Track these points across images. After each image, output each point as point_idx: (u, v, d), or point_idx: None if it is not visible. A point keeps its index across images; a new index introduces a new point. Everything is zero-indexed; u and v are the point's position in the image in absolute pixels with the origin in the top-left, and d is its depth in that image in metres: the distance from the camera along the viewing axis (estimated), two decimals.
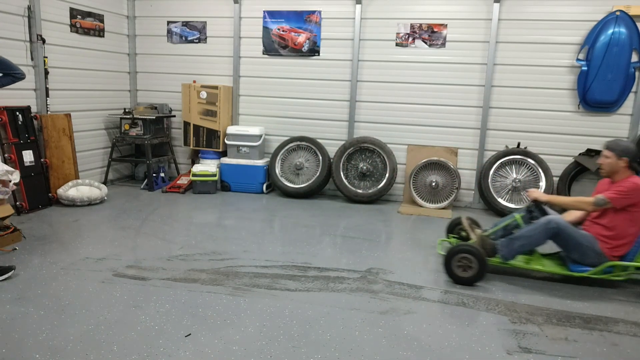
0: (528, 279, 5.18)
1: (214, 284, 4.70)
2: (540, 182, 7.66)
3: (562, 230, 4.85)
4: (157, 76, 9.38)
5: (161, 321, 3.96)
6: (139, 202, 7.73)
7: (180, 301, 4.32)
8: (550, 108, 7.80)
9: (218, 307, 4.23)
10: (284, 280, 4.85)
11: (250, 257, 5.47)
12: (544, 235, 4.88)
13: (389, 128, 8.42)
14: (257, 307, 4.26)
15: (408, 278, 5.03)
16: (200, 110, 8.76)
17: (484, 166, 7.90)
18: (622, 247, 4.90)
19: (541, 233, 4.88)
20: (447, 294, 4.71)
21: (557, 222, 4.86)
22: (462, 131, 8.17)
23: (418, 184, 8.12)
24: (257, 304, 4.33)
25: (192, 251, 5.60)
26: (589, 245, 4.90)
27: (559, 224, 4.85)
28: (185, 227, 6.55)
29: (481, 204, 8.19)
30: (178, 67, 9.23)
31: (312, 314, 4.18)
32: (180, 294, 4.46)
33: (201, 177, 8.44)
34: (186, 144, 8.96)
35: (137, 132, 8.61)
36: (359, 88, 8.48)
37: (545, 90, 7.78)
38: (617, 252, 4.91)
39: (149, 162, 8.55)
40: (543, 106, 7.82)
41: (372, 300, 4.51)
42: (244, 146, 8.68)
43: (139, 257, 5.34)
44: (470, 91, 8.06)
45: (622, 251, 4.91)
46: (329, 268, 5.24)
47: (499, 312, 4.37)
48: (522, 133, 7.94)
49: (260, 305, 4.31)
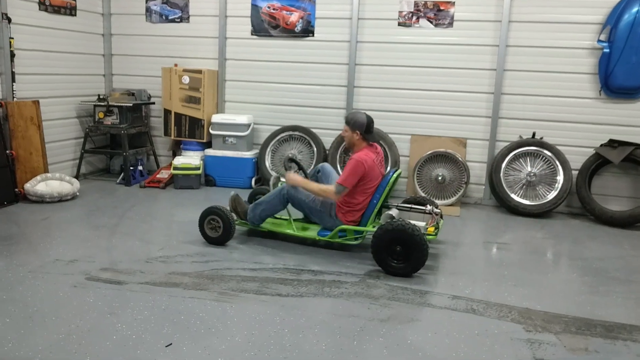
0: (545, 283, 5.20)
1: (198, 289, 4.68)
2: (557, 176, 7.67)
3: (292, 197, 5.80)
4: (134, 59, 9.36)
5: (139, 329, 3.94)
6: (114, 198, 7.71)
7: (160, 307, 4.30)
8: (568, 94, 7.80)
9: (202, 314, 4.22)
10: (274, 285, 4.85)
11: (237, 259, 5.48)
12: (279, 202, 5.85)
13: (390, 116, 8.42)
14: (245, 314, 4.25)
15: (411, 282, 5.04)
16: (183, 96, 8.75)
17: (496, 158, 7.91)
18: (354, 213, 5.65)
19: (276, 199, 5.86)
20: (455, 299, 4.71)
21: (288, 189, 5.80)
22: (472, 120, 8.17)
23: (423, 178, 8.12)
24: (244, 310, 4.32)
25: (173, 252, 5.60)
26: (323, 210, 5.74)
27: (289, 192, 5.79)
28: (166, 226, 6.53)
29: (492, 200, 8.20)
30: (158, 49, 9.21)
31: (305, 322, 4.17)
32: (160, 300, 4.44)
33: (183, 171, 8.43)
34: (167, 134, 8.96)
35: (113, 121, 8.59)
36: (357, 72, 8.47)
37: (563, 74, 7.78)
38: (351, 217, 5.66)
39: (125, 154, 8.53)
40: (561, 92, 7.82)
41: (372, 306, 4.50)
42: (231, 136, 8.67)
43: (115, 259, 5.33)
44: (480, 76, 8.06)
45: (354, 216, 5.67)
46: (324, 271, 5.24)
47: (512, 320, 4.36)
48: (538, 122, 7.95)
49: (248, 312, 4.29)
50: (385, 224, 5.20)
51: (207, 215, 5.87)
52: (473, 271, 5.46)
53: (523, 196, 7.84)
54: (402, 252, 5.14)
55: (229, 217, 5.79)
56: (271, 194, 5.93)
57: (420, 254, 5.07)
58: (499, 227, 7.18)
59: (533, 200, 7.79)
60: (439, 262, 5.65)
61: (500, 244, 6.46)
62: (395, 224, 5.14)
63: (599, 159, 7.59)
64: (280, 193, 5.83)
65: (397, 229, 5.11)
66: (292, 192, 5.78)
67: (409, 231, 5.07)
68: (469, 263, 5.70)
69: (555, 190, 7.69)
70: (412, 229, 5.07)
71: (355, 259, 5.63)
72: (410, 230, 5.07)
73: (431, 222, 5.83)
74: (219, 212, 5.81)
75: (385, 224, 5.20)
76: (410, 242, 5.08)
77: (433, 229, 5.76)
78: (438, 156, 8.08)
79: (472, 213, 7.81)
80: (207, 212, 5.88)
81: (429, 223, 5.82)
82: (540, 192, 7.81)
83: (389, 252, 5.19)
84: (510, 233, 6.94)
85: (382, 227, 5.21)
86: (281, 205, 5.89)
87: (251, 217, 6.00)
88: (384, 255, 5.20)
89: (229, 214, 5.80)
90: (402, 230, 5.09)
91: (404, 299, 4.67)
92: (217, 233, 5.85)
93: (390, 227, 5.14)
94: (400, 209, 6.02)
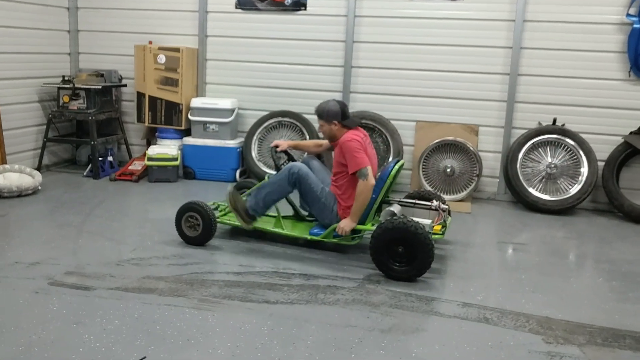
0: (567, 289, 5.21)
1: (175, 295, 4.68)
2: (581, 168, 7.68)
3: (302, 179, 5.68)
4: (104, 36, 9.33)
5: (109, 341, 3.93)
6: (81, 193, 7.70)
7: (132, 316, 4.30)
8: (593, 75, 7.81)
9: (180, 324, 4.21)
10: (261, 290, 4.85)
11: (219, 262, 5.49)
12: (287, 182, 5.72)
13: (393, 100, 8.42)
14: (229, 324, 4.25)
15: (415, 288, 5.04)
16: (158, 78, 8.73)
17: (512, 148, 7.92)
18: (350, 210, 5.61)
19: (284, 180, 5.72)
20: (465, 307, 4.72)
21: (300, 168, 5.69)
22: (485, 104, 8.18)
23: (429, 170, 8.13)
24: (228, 319, 4.32)
25: (147, 254, 5.59)
26: (327, 203, 5.73)
27: (301, 171, 5.68)
28: (139, 224, 6.54)
29: (508, 194, 8.21)
30: (130, 25, 9.18)
31: (296, 332, 4.17)
32: (132, 308, 4.44)
33: (159, 162, 8.43)
34: (140, 121, 8.95)
35: (79, 105, 8.57)
36: (355, 51, 8.46)
37: (588, 53, 7.78)
38: (347, 214, 5.62)
39: (93, 143, 8.51)
40: (585, 73, 7.82)
41: (371, 315, 4.51)
42: (212, 123, 8.66)
43: (82, 262, 5.32)
44: (494, 54, 8.06)
45: None
46: (318, 275, 5.25)
47: (530, 330, 4.37)
48: (559, 107, 7.95)
49: (232, 321, 4.30)
50: (386, 222, 5.20)
51: (185, 212, 5.85)
52: (486, 275, 5.48)
53: (542, 190, 7.85)
54: (405, 253, 5.13)
55: (210, 213, 5.76)
56: (278, 174, 5.82)
57: (426, 255, 5.07)
58: (515, 226, 7.20)
59: (554, 195, 7.80)
60: (447, 265, 5.65)
61: (517, 244, 6.48)
62: (396, 221, 5.14)
63: (629, 149, 7.61)
64: (290, 172, 5.70)
65: (399, 227, 5.10)
66: (304, 172, 5.69)
67: (413, 230, 5.06)
68: (481, 266, 5.71)
69: (578, 184, 7.71)
70: (415, 227, 5.06)
71: (352, 261, 5.64)
72: (414, 229, 5.06)
73: (437, 219, 5.83)
74: (198, 209, 5.78)
75: (386, 222, 5.20)
76: (414, 242, 5.07)
77: (440, 227, 5.75)
78: (446, 145, 8.08)
79: (484, 209, 7.83)
80: (184, 208, 5.85)
81: (435, 221, 5.81)
82: (562, 186, 7.82)
83: (390, 253, 5.18)
84: (527, 232, 6.96)
85: (382, 225, 5.20)
86: (290, 187, 5.78)
87: (252, 204, 5.85)
88: (385, 257, 5.19)
89: (210, 211, 5.78)
90: (405, 228, 5.08)
91: (407, 306, 4.68)
92: (196, 232, 5.82)
93: (391, 225, 5.14)
94: (403, 204, 6.01)
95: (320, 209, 5.76)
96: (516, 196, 7.94)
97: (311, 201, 5.80)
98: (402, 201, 6.07)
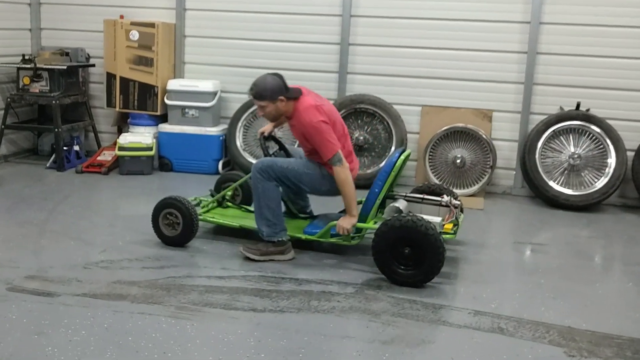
0: (592, 295, 5.20)
1: (150, 302, 4.68)
2: (608, 159, 7.68)
3: (270, 166, 5.55)
4: (69, 9, 9.31)
5: (75, 354, 3.92)
6: (44, 187, 7.71)
7: (101, 326, 4.29)
8: (622, 54, 7.82)
9: (155, 335, 4.21)
10: (247, 297, 4.85)
11: (200, 264, 5.49)
12: (267, 184, 5.53)
13: (395, 82, 8.42)
14: (210, 335, 4.25)
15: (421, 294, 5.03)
16: (131, 57, 8.72)
17: (530, 136, 7.92)
18: None
19: (261, 184, 5.54)
20: (478, 315, 4.72)
21: (260, 162, 5.61)
22: (499, 87, 8.19)
23: (436, 161, 8.14)
24: (209, 330, 4.32)
25: (118, 256, 5.59)
26: (313, 171, 5.64)
27: (263, 163, 5.59)
28: (109, 223, 6.54)
29: (525, 189, 8.22)
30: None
31: (287, 345, 4.17)
32: (102, 316, 4.43)
33: (131, 152, 8.42)
34: (110, 105, 8.94)
35: (41, 88, 8.55)
36: (353, 26, 8.45)
37: (616, 29, 7.78)
38: None
39: (57, 131, 8.50)
40: (612, 52, 7.82)
41: (371, 324, 4.51)
42: (192, 108, 8.65)
43: (44, 264, 5.32)
44: (510, 30, 8.06)
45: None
46: (311, 279, 5.25)
47: (551, 342, 4.37)
48: (583, 89, 7.96)
49: (214, 331, 4.30)
50: (391, 220, 5.19)
51: (163, 209, 5.81)
52: (500, 280, 5.49)
53: (564, 184, 7.85)
54: (412, 255, 5.11)
55: (191, 210, 5.74)
56: (254, 190, 5.63)
57: (435, 258, 5.04)
58: (534, 224, 7.22)
59: (577, 189, 7.81)
60: (457, 268, 5.65)
61: (535, 245, 6.50)
62: (403, 219, 5.12)
63: None
64: (257, 174, 5.53)
65: (406, 225, 5.08)
66: (267, 161, 5.61)
67: (421, 229, 5.03)
68: (495, 269, 5.72)
69: (605, 177, 7.71)
70: (425, 225, 5.04)
71: (350, 264, 5.64)
72: (423, 228, 5.03)
73: (449, 217, 5.81)
74: (178, 205, 5.74)
75: (391, 220, 5.19)
76: (423, 243, 5.04)
77: (451, 226, 5.74)
78: (456, 133, 8.10)
79: (499, 205, 7.85)
80: (162, 204, 5.83)
81: (446, 218, 5.81)
82: (586, 179, 7.83)
83: (395, 255, 5.17)
84: (547, 231, 6.98)
85: (387, 223, 5.19)
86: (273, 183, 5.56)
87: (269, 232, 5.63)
88: (389, 259, 5.18)
89: (191, 207, 5.76)
90: (413, 227, 5.06)
91: (412, 315, 4.68)
92: (175, 231, 5.79)
93: (397, 223, 5.12)
94: (410, 200, 6.00)
95: (310, 180, 5.67)
96: (535, 190, 7.94)
97: (296, 179, 5.65)
98: (408, 196, 6.05)
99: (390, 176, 5.56)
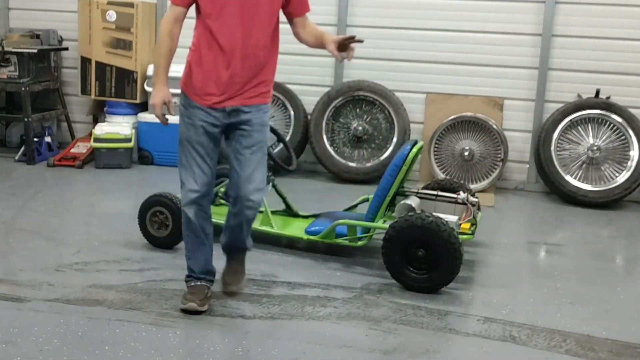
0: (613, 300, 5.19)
1: (128, 308, 4.67)
2: (630, 151, 7.69)
3: None
4: None
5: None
6: (12, 182, 7.73)
7: (75, 334, 4.29)
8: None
9: (134, 344, 4.20)
10: (235, 303, 4.85)
11: (183, 267, 5.42)
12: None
13: (397, 67, 8.44)
14: (195, 344, 4.25)
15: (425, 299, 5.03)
16: (107, 40, 8.73)
17: (545, 127, 7.92)
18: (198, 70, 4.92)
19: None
20: (488, 323, 4.71)
21: None
22: (511, 72, 8.20)
23: (443, 153, 8.16)
24: (194, 338, 4.32)
25: (94, 257, 5.59)
26: None
27: None
28: (84, 220, 6.56)
29: (540, 184, 8.23)
30: None
31: (278, 354, 4.16)
32: (75, 323, 4.42)
33: (108, 143, 8.44)
34: (85, 93, 8.96)
35: (9, 73, 8.59)
36: (351, 6, 8.48)
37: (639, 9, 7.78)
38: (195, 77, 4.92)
39: (27, 120, 8.52)
40: (636, 34, 7.84)
41: (371, 332, 4.50)
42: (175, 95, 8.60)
43: (13, 267, 5.33)
44: (523, 10, 8.07)
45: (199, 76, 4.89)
46: (305, 283, 5.25)
47: (568, 352, 4.36)
48: (603, 75, 7.97)
49: (198, 340, 4.29)
50: (403, 219, 5.18)
51: (151, 207, 5.77)
52: (513, 283, 5.49)
53: (582, 179, 7.86)
54: (427, 258, 5.10)
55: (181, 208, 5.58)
56: None
57: (452, 261, 5.02)
58: (549, 222, 7.24)
59: (597, 184, 7.82)
60: (465, 271, 5.61)
61: (551, 245, 6.52)
62: (416, 218, 5.11)
63: None
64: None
65: (419, 225, 5.06)
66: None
67: (437, 229, 5.01)
68: (507, 272, 5.73)
69: (627, 171, 7.72)
70: (441, 225, 5.03)
71: (348, 266, 5.64)
72: (439, 228, 5.01)
73: (466, 215, 5.79)
74: (168, 202, 5.70)
75: (403, 219, 5.18)
76: (438, 244, 5.02)
77: (468, 226, 5.72)
78: (464, 123, 8.11)
79: (511, 202, 7.87)
80: (150, 202, 5.79)
81: (462, 217, 5.78)
82: (607, 173, 7.84)
83: (407, 257, 5.14)
84: (564, 230, 6.99)
85: (398, 222, 5.17)
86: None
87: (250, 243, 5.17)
88: (400, 262, 5.15)
89: None
90: (427, 227, 5.04)
91: (415, 322, 4.67)
92: (164, 231, 5.75)
93: (409, 222, 5.10)
94: (422, 197, 5.97)
95: None
96: (550, 186, 7.95)
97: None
98: (421, 193, 6.02)
99: (401, 171, 5.54)
